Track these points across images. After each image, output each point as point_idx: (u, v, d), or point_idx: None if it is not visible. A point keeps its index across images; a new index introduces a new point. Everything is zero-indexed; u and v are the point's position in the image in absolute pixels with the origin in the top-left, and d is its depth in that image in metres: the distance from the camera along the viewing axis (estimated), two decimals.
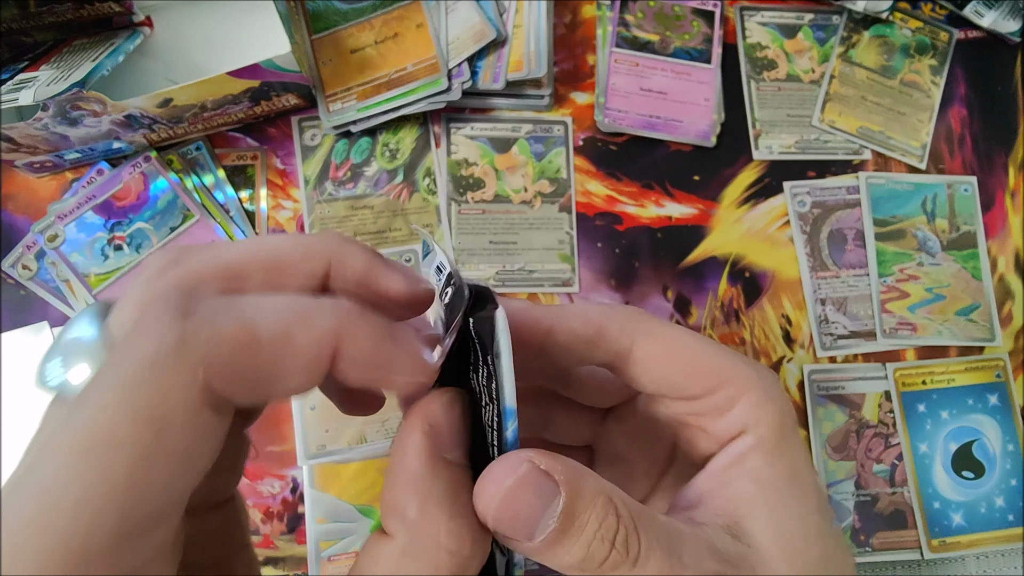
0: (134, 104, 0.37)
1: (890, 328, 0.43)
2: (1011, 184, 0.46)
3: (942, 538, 0.41)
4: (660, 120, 0.45)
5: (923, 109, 0.46)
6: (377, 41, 0.43)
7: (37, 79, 0.37)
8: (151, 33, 0.42)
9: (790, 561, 0.21)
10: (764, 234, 0.44)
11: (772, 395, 0.22)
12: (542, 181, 0.44)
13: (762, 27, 0.47)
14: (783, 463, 0.22)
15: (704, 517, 0.21)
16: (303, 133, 0.44)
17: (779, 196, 0.45)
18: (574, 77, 0.45)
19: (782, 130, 0.46)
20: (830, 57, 0.47)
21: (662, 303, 0.43)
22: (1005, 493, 0.41)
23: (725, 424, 0.22)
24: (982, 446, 0.42)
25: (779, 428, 0.22)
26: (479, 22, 0.42)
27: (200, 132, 0.42)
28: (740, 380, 0.22)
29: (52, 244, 0.41)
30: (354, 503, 0.39)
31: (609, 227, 0.44)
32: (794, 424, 0.22)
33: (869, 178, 0.45)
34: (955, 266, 0.44)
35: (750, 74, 0.46)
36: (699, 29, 0.46)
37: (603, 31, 0.46)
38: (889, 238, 0.44)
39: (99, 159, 0.42)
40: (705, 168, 0.45)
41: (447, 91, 0.41)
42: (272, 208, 0.43)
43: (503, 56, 0.42)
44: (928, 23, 0.48)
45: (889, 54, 0.47)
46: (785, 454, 0.22)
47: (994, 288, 0.44)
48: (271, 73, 0.38)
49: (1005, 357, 0.43)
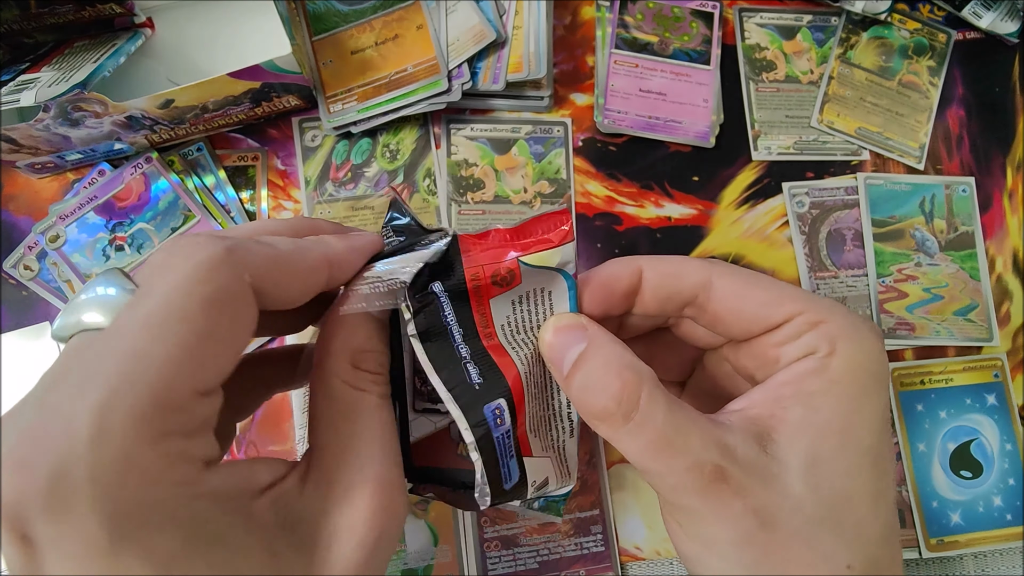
0: (135, 105, 0.37)
1: (888, 328, 0.43)
2: (1009, 185, 0.46)
3: (940, 537, 0.41)
4: (659, 121, 0.45)
5: (921, 110, 0.47)
6: (377, 42, 0.43)
7: (38, 80, 0.37)
8: (152, 34, 0.42)
9: (813, 484, 0.20)
10: (763, 234, 0.44)
11: (859, 334, 0.22)
12: (542, 182, 0.44)
13: (761, 28, 0.47)
14: (847, 394, 0.21)
15: (738, 421, 0.22)
16: (304, 134, 0.44)
17: (778, 197, 0.45)
18: (574, 78, 0.45)
19: (781, 131, 0.46)
20: (829, 58, 0.47)
21: None
22: (1003, 492, 0.42)
23: (796, 348, 0.22)
24: (980, 445, 0.42)
25: (856, 362, 0.22)
26: (479, 23, 0.42)
27: (201, 133, 0.42)
28: (823, 310, 0.22)
29: (54, 245, 0.41)
30: None
31: (609, 228, 0.44)
32: (877, 366, 0.22)
33: (867, 179, 0.45)
34: (953, 266, 0.45)
35: (749, 75, 0.46)
36: (698, 30, 0.46)
37: (603, 32, 0.46)
38: (887, 238, 0.45)
39: (100, 160, 0.42)
40: (704, 169, 0.45)
41: (447, 92, 0.41)
42: (273, 209, 0.43)
43: (503, 57, 0.42)
44: (926, 24, 0.48)
45: (887, 55, 0.47)
46: (853, 387, 0.21)
47: (992, 288, 0.45)
48: (272, 74, 0.38)
49: (1003, 357, 0.44)
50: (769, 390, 0.22)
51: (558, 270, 0.23)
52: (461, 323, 0.23)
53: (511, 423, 0.23)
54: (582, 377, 0.22)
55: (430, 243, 0.23)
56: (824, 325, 0.22)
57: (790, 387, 0.22)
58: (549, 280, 0.24)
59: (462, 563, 0.39)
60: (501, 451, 0.23)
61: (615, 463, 0.41)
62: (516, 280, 0.23)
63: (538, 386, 0.25)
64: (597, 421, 0.22)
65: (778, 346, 0.23)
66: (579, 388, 0.22)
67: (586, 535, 0.40)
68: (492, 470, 0.23)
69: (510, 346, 0.23)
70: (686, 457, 0.20)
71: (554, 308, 0.24)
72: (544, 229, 0.23)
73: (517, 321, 0.24)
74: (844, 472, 0.21)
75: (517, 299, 0.24)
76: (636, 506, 0.41)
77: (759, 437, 0.21)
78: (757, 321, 0.23)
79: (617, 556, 0.40)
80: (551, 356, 0.23)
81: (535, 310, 0.24)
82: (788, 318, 0.22)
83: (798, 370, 0.22)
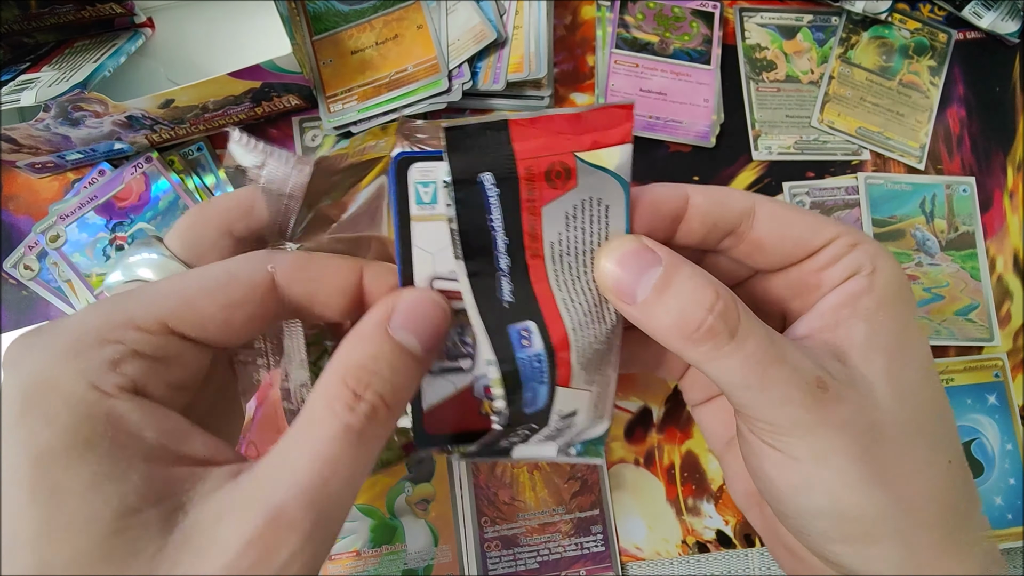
0: (135, 105, 0.37)
1: None
2: (1009, 184, 0.46)
3: None
4: (660, 121, 0.45)
5: (922, 110, 0.47)
6: (378, 42, 0.43)
7: (39, 80, 0.37)
8: (152, 34, 0.42)
9: (898, 395, 0.21)
10: None
11: (887, 253, 0.23)
12: None
13: (761, 28, 0.47)
14: (896, 310, 0.22)
15: (812, 344, 0.22)
16: (304, 134, 0.44)
17: (778, 196, 0.45)
18: (574, 78, 0.45)
19: (781, 131, 0.46)
20: (829, 58, 0.47)
21: None
22: (1004, 492, 0.42)
23: (840, 269, 0.22)
24: (981, 446, 0.42)
25: (896, 279, 0.22)
26: (479, 23, 0.42)
27: (201, 133, 0.42)
28: (856, 233, 0.23)
29: (54, 244, 0.41)
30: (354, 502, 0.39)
31: None
32: (908, 283, 0.23)
33: (868, 178, 0.45)
34: (954, 266, 0.44)
35: (749, 75, 0.46)
36: (698, 30, 0.46)
37: (603, 32, 0.46)
38: (888, 238, 0.45)
39: (101, 160, 0.42)
40: (705, 169, 0.45)
41: (447, 92, 0.41)
42: None
43: (503, 57, 0.42)
44: (927, 24, 0.48)
45: (888, 55, 0.47)
46: (899, 304, 0.22)
47: (993, 288, 0.45)
48: (272, 74, 0.38)
49: (1004, 357, 0.44)
50: (826, 314, 0.22)
51: (616, 176, 0.21)
52: (508, 229, 0.21)
53: (544, 349, 0.21)
54: (672, 300, 0.20)
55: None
56: (862, 246, 0.22)
57: (847, 308, 0.22)
58: (604, 187, 0.21)
59: (462, 563, 0.39)
60: (526, 373, 0.22)
61: (615, 463, 0.41)
62: (572, 181, 0.20)
63: (589, 315, 0.22)
64: (696, 343, 0.20)
65: (820, 271, 0.23)
66: (668, 312, 0.20)
67: (586, 535, 0.40)
68: (512, 392, 0.22)
69: (555, 268, 0.22)
70: (790, 369, 0.20)
71: (610, 227, 0.22)
72: (605, 123, 0.20)
73: (569, 241, 0.22)
74: (919, 384, 0.22)
75: (572, 212, 0.21)
76: (636, 506, 0.41)
77: (838, 357, 0.21)
78: (801, 244, 0.23)
79: (617, 556, 0.40)
80: (618, 287, 0.21)
81: (590, 228, 0.22)
82: (829, 240, 0.23)
83: (849, 290, 0.22)
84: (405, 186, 0.22)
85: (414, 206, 0.22)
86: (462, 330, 0.24)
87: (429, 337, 0.21)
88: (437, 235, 0.22)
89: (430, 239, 0.22)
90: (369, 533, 0.39)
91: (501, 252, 0.21)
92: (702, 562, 0.41)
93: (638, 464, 0.41)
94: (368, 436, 0.19)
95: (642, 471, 0.41)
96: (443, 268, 0.22)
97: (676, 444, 0.42)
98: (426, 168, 0.22)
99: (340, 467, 0.18)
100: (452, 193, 0.20)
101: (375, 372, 0.20)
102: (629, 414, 0.42)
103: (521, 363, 0.22)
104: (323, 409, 0.19)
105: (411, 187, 0.22)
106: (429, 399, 0.24)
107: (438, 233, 0.22)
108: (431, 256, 0.22)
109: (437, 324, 0.22)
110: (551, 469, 0.41)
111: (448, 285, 0.23)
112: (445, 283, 0.23)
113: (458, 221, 0.20)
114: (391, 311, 0.21)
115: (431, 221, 0.22)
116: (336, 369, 0.20)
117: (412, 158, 0.22)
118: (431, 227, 0.22)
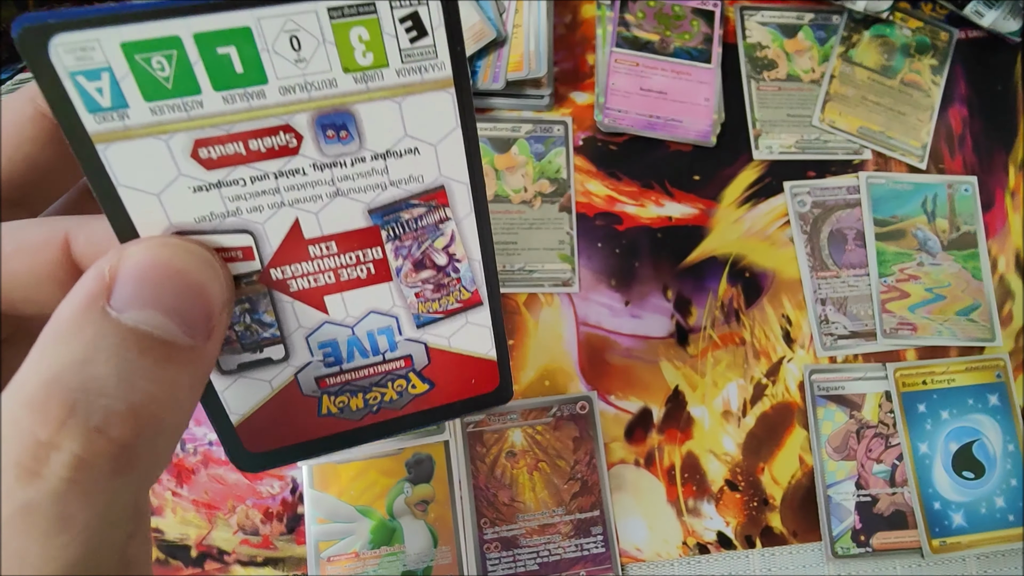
0: None
1: (890, 328, 0.43)
2: (1011, 184, 0.46)
3: (943, 538, 0.41)
4: (660, 120, 0.45)
5: (923, 109, 0.46)
6: None
7: None
8: None
9: None
10: (764, 234, 0.44)
11: None
12: (542, 181, 0.44)
13: (762, 27, 0.47)
14: None
15: None
16: None
17: (779, 196, 0.45)
18: (574, 77, 0.45)
19: (782, 130, 0.46)
20: (830, 57, 0.47)
21: (662, 303, 0.43)
22: (1005, 493, 0.41)
23: None
24: (982, 446, 0.42)
25: None
26: (479, 22, 0.42)
27: None
28: None
29: None
30: (354, 503, 0.39)
31: (609, 227, 0.44)
32: None
33: (869, 178, 0.45)
34: (955, 266, 0.44)
35: (750, 74, 0.46)
36: (699, 29, 0.46)
37: (603, 31, 0.46)
38: (889, 238, 0.44)
39: None
40: (705, 168, 0.45)
41: None
42: None
43: (503, 56, 0.42)
44: (928, 23, 0.48)
45: (889, 54, 0.47)
46: None
47: (994, 288, 0.44)
48: None
49: (1005, 357, 0.43)
50: None
51: None
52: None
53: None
54: None
55: None
56: None
57: None
58: None
59: (462, 564, 0.39)
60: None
61: (615, 464, 0.41)
62: None
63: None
64: None
65: None
66: None
67: (586, 536, 0.40)
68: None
69: None
70: None
71: None
72: None
73: None
74: None
75: None
76: (636, 507, 0.41)
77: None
78: None
79: (618, 557, 0.40)
80: None
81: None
82: None
83: None
84: (56, 82, 0.13)
85: (87, 117, 0.13)
86: (253, 306, 0.16)
87: (189, 308, 0.13)
88: (154, 159, 0.14)
89: (143, 168, 0.14)
90: (368, 534, 0.39)
91: None
92: (703, 563, 0.40)
93: (638, 465, 0.41)
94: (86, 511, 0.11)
95: (642, 472, 0.41)
96: (186, 215, 0.14)
97: (676, 445, 0.41)
98: (84, 41, 0.13)
99: None
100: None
101: (88, 387, 0.12)
102: (629, 414, 0.42)
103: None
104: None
105: (67, 83, 0.13)
106: (240, 408, 0.17)
107: (155, 156, 0.14)
108: (154, 199, 0.14)
109: (200, 285, 0.14)
110: (551, 471, 0.40)
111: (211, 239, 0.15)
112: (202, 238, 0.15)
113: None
114: (110, 280, 0.13)
115: (137, 138, 0.14)
116: (15, 394, 0.11)
117: (50, 25, 0.12)
118: (138, 147, 0.14)
